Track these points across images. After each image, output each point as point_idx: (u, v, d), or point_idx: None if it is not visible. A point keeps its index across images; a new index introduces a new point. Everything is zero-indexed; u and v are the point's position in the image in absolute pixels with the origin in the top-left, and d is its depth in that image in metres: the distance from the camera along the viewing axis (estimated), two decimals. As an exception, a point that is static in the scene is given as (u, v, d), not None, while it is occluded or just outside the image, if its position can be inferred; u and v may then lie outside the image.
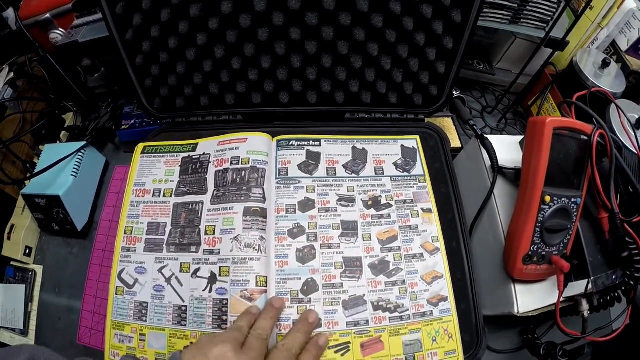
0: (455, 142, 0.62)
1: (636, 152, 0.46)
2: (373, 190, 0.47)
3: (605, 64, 0.64)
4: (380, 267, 0.43)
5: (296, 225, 0.44)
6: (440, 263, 0.44)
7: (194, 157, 0.49)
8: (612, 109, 0.58)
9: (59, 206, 0.54)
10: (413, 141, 0.51)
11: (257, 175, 0.46)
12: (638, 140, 0.53)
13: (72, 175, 0.56)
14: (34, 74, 0.63)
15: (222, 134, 0.50)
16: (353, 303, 0.41)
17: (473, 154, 0.52)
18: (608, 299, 0.42)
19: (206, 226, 0.44)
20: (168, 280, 0.43)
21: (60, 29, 0.63)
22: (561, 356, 0.44)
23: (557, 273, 0.40)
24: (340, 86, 0.51)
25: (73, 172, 0.56)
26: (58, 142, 0.64)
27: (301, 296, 0.41)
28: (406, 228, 0.45)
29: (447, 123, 0.63)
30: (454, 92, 0.58)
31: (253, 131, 0.50)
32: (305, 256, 0.43)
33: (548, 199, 0.40)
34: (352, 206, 0.46)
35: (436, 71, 0.49)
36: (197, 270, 0.42)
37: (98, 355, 0.45)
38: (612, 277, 0.42)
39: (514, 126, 0.71)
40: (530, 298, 0.43)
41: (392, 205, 0.46)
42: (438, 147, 0.52)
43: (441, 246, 0.45)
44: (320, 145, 0.50)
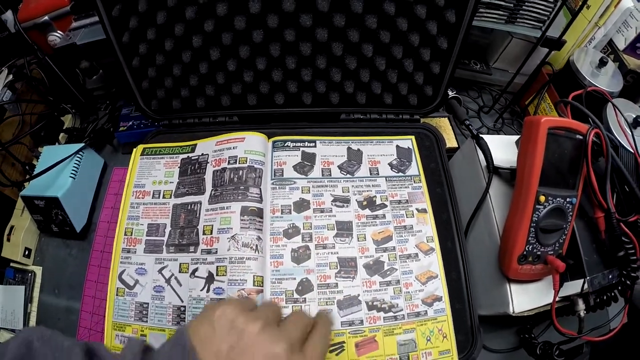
0: (451, 142, 0.62)
1: (633, 151, 0.46)
2: (368, 190, 0.47)
3: (602, 63, 0.64)
4: (374, 267, 0.43)
5: (291, 225, 0.44)
6: (434, 263, 0.44)
7: (193, 158, 0.50)
8: (609, 108, 0.58)
9: (58, 208, 0.54)
10: (408, 141, 0.51)
11: (255, 175, 0.46)
12: (635, 139, 0.53)
13: (71, 176, 0.56)
14: (33, 76, 0.63)
15: (219, 135, 0.50)
16: (347, 303, 0.41)
17: (469, 154, 0.51)
18: (604, 299, 0.42)
19: (204, 226, 0.44)
20: (168, 280, 0.43)
21: (58, 32, 0.63)
22: (557, 356, 0.44)
23: (553, 273, 0.40)
24: (335, 87, 0.51)
25: (72, 174, 0.56)
26: (57, 144, 0.65)
27: (296, 296, 0.41)
28: (401, 228, 0.45)
29: (444, 123, 0.63)
30: (450, 92, 0.57)
31: (251, 131, 0.50)
32: (300, 256, 0.43)
33: (543, 199, 0.40)
34: (347, 207, 0.46)
35: (431, 71, 0.49)
36: (195, 270, 0.42)
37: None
38: (609, 277, 0.42)
39: (511, 126, 0.71)
40: (525, 298, 0.42)
41: (387, 205, 0.47)
42: (433, 147, 0.52)
43: (436, 246, 0.45)
44: (315, 146, 0.50)
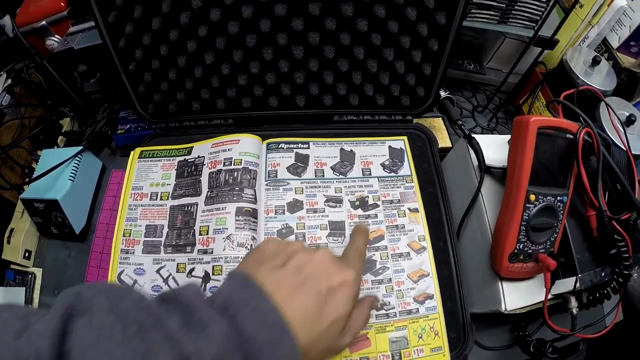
0: (445, 142, 0.63)
1: (625, 150, 0.46)
2: (360, 191, 0.48)
3: (595, 62, 0.64)
4: (366, 266, 0.43)
5: (285, 225, 0.45)
6: (426, 261, 0.44)
7: (189, 160, 0.50)
8: (602, 107, 0.58)
9: (57, 210, 0.55)
10: (401, 142, 0.52)
11: (249, 176, 0.47)
12: (627, 137, 0.53)
13: (70, 179, 0.57)
14: (31, 80, 0.64)
15: (215, 137, 0.51)
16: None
17: (461, 154, 0.52)
18: (597, 296, 0.42)
19: (200, 226, 0.45)
20: (165, 280, 0.44)
21: (56, 36, 0.64)
22: (551, 353, 0.44)
23: (544, 271, 0.40)
24: (327, 89, 0.51)
25: (70, 177, 0.57)
26: (55, 147, 0.65)
27: (290, 295, 0.42)
28: (393, 227, 0.46)
29: (438, 123, 0.64)
30: (443, 93, 0.58)
31: (245, 133, 0.50)
32: (293, 256, 0.44)
33: (533, 198, 0.40)
34: (340, 207, 0.47)
35: (422, 73, 0.50)
36: (192, 269, 0.43)
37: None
38: (601, 275, 0.42)
39: (505, 125, 0.71)
40: (517, 295, 0.43)
41: (379, 205, 0.47)
42: (426, 148, 0.52)
43: (427, 245, 0.45)
44: (308, 147, 0.51)
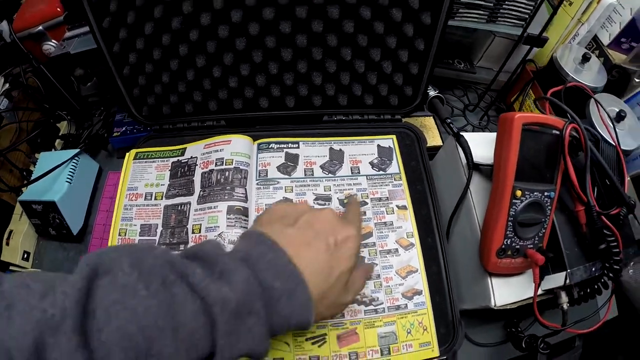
0: (436, 141, 0.63)
1: (614, 145, 0.47)
2: (349, 189, 0.49)
3: (585, 59, 0.64)
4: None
5: (275, 224, 0.46)
6: (414, 258, 0.45)
7: (183, 161, 0.51)
8: (592, 103, 0.58)
9: (55, 211, 0.56)
10: (389, 141, 0.53)
11: (240, 175, 0.48)
12: (617, 133, 0.53)
13: (67, 181, 0.58)
14: (29, 85, 0.65)
15: (208, 138, 0.52)
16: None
17: (450, 152, 0.53)
18: (588, 292, 0.42)
19: (193, 225, 0.46)
20: (159, 279, 0.45)
21: (53, 41, 0.65)
22: (542, 349, 0.44)
23: (533, 266, 0.41)
24: (316, 90, 0.52)
25: (68, 179, 0.58)
26: (53, 150, 0.66)
27: (280, 292, 0.43)
28: (381, 224, 0.47)
29: (429, 122, 0.65)
30: (433, 92, 0.59)
31: (237, 134, 0.51)
32: (283, 254, 0.44)
33: (519, 194, 0.40)
34: (329, 205, 0.47)
35: (409, 72, 0.51)
36: (185, 268, 0.44)
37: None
38: (591, 270, 0.42)
39: (496, 123, 0.71)
40: (507, 291, 0.43)
41: (368, 202, 0.48)
42: (414, 146, 0.53)
43: (416, 241, 0.46)
44: (298, 147, 0.52)
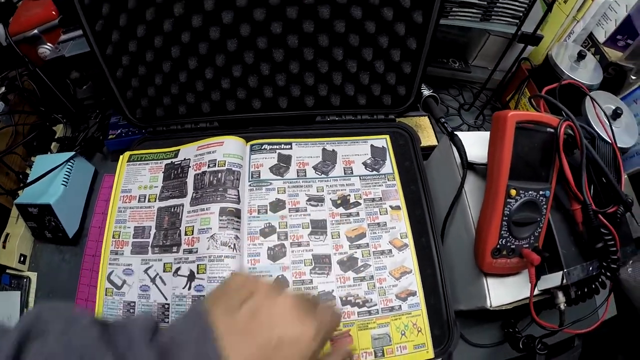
0: (431, 140, 0.63)
1: (610, 142, 0.46)
2: (342, 189, 0.49)
3: (580, 57, 0.64)
4: (348, 264, 0.44)
5: (267, 225, 0.46)
6: (408, 259, 0.45)
7: (176, 163, 0.51)
8: (588, 101, 0.58)
9: (51, 214, 0.56)
10: (383, 141, 0.53)
11: (233, 177, 0.48)
12: (613, 130, 0.53)
13: (63, 184, 0.58)
14: (25, 88, 0.65)
15: (201, 140, 0.52)
16: (322, 298, 0.42)
17: (445, 151, 0.52)
18: (586, 291, 0.41)
19: (186, 227, 0.46)
20: (153, 280, 0.45)
21: (48, 44, 0.65)
22: (540, 349, 0.44)
23: (528, 266, 0.40)
24: (309, 90, 0.52)
25: (63, 182, 0.58)
26: (49, 153, 0.66)
27: (273, 293, 0.43)
28: (374, 225, 0.47)
29: (423, 122, 0.64)
30: (427, 91, 0.58)
31: (229, 136, 0.51)
32: (276, 254, 0.44)
33: (514, 193, 0.40)
34: (321, 205, 0.47)
35: (402, 72, 0.50)
36: (178, 269, 0.44)
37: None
38: (588, 269, 0.42)
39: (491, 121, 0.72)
40: (503, 291, 0.43)
41: (361, 203, 0.48)
42: (408, 146, 0.53)
43: (410, 242, 0.46)
44: (291, 148, 0.52)
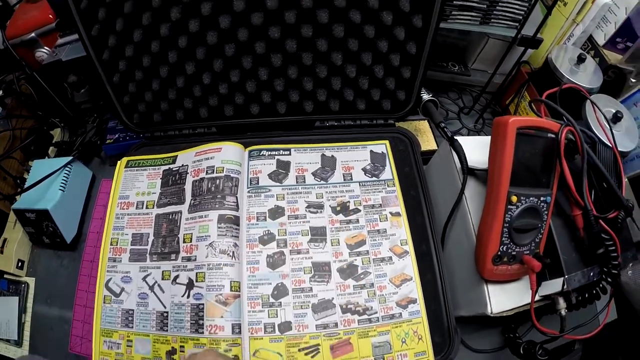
0: (431, 145, 0.63)
1: (611, 146, 0.46)
2: (341, 196, 0.48)
3: (580, 60, 0.64)
4: (348, 271, 0.44)
5: (266, 232, 0.46)
6: (409, 266, 0.45)
7: (174, 169, 0.51)
8: (588, 105, 0.57)
9: (48, 220, 0.56)
10: (382, 146, 0.52)
11: (231, 184, 0.48)
12: (614, 134, 0.53)
13: (60, 189, 0.57)
14: (22, 92, 0.65)
15: (199, 146, 0.51)
16: (322, 306, 0.42)
17: (445, 156, 0.52)
18: (587, 297, 0.41)
19: (184, 234, 0.46)
20: (151, 287, 0.44)
21: (45, 48, 0.65)
22: (540, 355, 0.44)
23: (529, 272, 0.40)
24: (308, 96, 0.52)
25: (61, 187, 0.58)
26: (46, 158, 0.66)
27: (272, 300, 0.42)
28: (374, 232, 0.46)
29: (423, 126, 0.64)
30: (426, 96, 0.58)
31: (228, 141, 0.51)
32: (275, 262, 0.44)
33: (515, 199, 0.40)
34: (321, 212, 0.47)
35: (402, 76, 0.50)
36: (177, 277, 0.44)
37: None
38: (589, 275, 0.42)
39: (492, 126, 0.71)
40: (504, 298, 0.42)
41: (361, 210, 0.48)
42: (408, 151, 0.52)
43: (410, 249, 0.45)
44: (290, 154, 0.51)
